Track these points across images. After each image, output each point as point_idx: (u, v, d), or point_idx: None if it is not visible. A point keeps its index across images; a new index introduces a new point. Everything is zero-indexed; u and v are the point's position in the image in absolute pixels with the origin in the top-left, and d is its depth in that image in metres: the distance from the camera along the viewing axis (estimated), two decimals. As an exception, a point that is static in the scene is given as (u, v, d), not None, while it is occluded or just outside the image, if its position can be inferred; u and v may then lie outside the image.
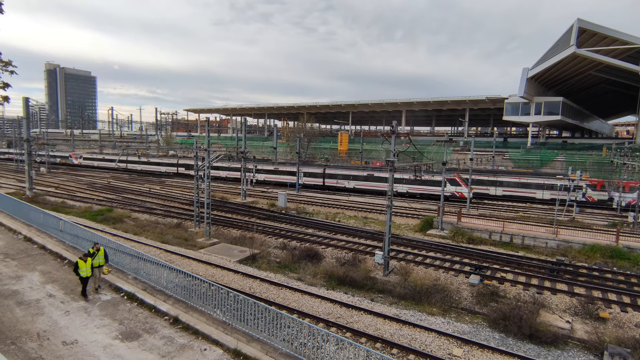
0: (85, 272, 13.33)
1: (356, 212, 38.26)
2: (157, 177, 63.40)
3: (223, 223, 31.04)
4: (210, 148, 27.27)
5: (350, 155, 79.59)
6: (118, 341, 11.08)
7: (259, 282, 18.56)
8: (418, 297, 17.69)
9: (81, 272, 13.24)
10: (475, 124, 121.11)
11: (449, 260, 23.50)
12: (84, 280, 13.44)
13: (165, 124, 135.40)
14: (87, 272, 13.40)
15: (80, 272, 13.22)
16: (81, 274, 13.25)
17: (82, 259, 13.32)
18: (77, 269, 13.19)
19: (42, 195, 39.18)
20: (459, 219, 30.61)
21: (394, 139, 21.21)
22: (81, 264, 13.20)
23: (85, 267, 13.30)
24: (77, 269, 13.20)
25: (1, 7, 13.57)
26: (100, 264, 14.14)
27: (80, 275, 13.26)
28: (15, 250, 17.97)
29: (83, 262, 13.22)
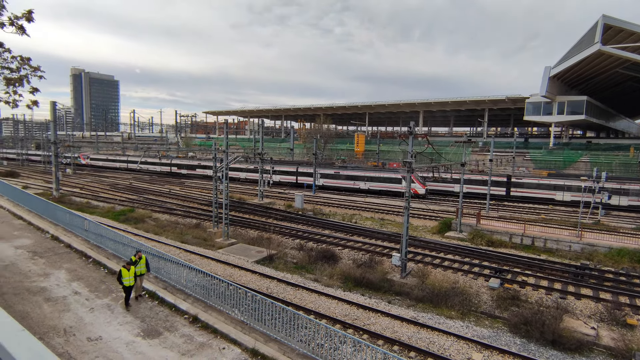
0: (128, 281, 12.87)
1: (373, 213, 38.07)
2: (177, 178, 64.70)
3: (241, 224, 31.41)
4: (228, 150, 27.67)
5: (367, 157, 79.25)
6: (140, 338, 11.36)
7: (276, 283, 18.70)
8: (436, 300, 17.47)
9: (124, 281, 12.78)
10: (494, 124, 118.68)
11: (468, 262, 23.12)
12: (126, 289, 12.96)
13: (184, 126, 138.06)
14: (130, 281, 12.93)
15: (124, 281, 12.77)
16: (124, 282, 12.80)
17: (125, 267, 12.89)
18: (120, 278, 12.75)
19: (68, 196, 40.55)
20: (478, 221, 30.06)
21: (412, 139, 21.04)
22: (124, 272, 12.77)
23: (129, 275, 12.85)
24: (120, 277, 12.76)
25: (31, 15, 14.14)
26: (142, 272, 13.80)
27: (123, 284, 12.81)
28: (44, 249, 18.65)
29: (126, 271, 12.79)
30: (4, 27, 14.81)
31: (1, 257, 17.04)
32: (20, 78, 16.05)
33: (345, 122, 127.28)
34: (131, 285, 12.96)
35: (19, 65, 16.02)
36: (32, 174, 65.16)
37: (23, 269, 15.94)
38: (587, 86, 70.54)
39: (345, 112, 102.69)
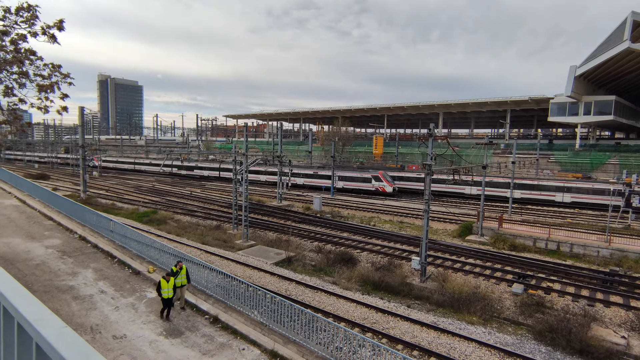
0: (167, 292, 12.35)
1: (392, 216, 37.76)
2: (197, 180, 65.96)
3: (260, 226, 31.73)
4: (247, 153, 28.05)
5: (386, 159, 78.70)
6: (162, 337, 11.64)
7: (294, 285, 18.78)
8: (457, 304, 17.16)
9: (163, 293, 12.26)
10: (517, 125, 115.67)
11: (490, 267, 22.61)
12: (165, 301, 12.44)
13: (205, 130, 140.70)
14: (168, 293, 12.43)
15: (162, 292, 12.26)
16: (162, 294, 12.27)
17: (165, 278, 12.44)
18: (160, 289, 12.27)
19: (94, 197, 41.96)
20: (500, 225, 29.37)
21: (431, 142, 20.80)
22: (163, 283, 12.31)
23: (168, 287, 12.34)
24: (159, 289, 12.29)
25: (62, 25, 14.76)
26: (183, 283, 13.28)
27: (162, 296, 12.30)
28: (72, 249, 19.36)
29: (165, 282, 12.34)
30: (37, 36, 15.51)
31: (33, 256, 17.79)
32: (52, 85, 16.75)
33: (363, 124, 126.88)
34: (169, 297, 12.44)
35: (50, 73, 16.74)
36: (61, 176, 67.75)
37: (53, 267, 16.59)
38: (615, 85, 67.96)
39: (363, 115, 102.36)
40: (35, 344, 1.32)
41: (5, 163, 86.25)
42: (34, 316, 1.36)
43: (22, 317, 1.41)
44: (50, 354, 1.17)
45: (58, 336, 1.19)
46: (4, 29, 15.02)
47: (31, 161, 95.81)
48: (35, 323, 1.30)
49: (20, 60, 15.08)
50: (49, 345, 1.18)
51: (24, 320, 1.39)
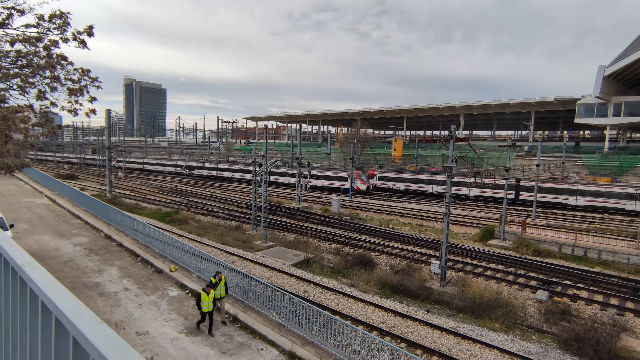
0: (207, 306, 11.82)
1: (411, 219, 37.34)
2: (217, 181, 67.04)
3: (278, 227, 31.96)
4: (267, 154, 28.34)
5: (405, 161, 77.93)
6: (183, 335, 11.89)
7: (312, 286, 18.83)
8: (478, 310, 16.79)
9: (203, 307, 11.76)
10: (541, 127, 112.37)
11: (513, 273, 22.03)
12: (205, 315, 11.96)
13: (226, 132, 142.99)
14: (209, 307, 11.90)
15: (202, 306, 11.75)
16: (202, 308, 11.78)
17: (205, 290, 11.93)
18: (200, 303, 11.78)
19: (119, 197, 43.28)
20: (524, 229, 28.59)
21: (452, 144, 20.48)
22: (204, 297, 11.77)
23: (208, 300, 11.80)
24: (199, 302, 11.80)
25: (92, 30, 15.35)
26: (222, 295, 12.77)
27: (201, 309, 11.82)
28: (98, 247, 20.04)
29: (205, 295, 11.80)
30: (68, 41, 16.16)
31: (62, 253, 18.51)
32: (81, 88, 17.42)
33: (382, 126, 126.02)
34: (210, 311, 11.94)
35: (79, 77, 17.42)
36: (88, 176, 70.21)
37: (80, 265, 17.22)
38: (647, 85, 65.14)
39: (382, 117, 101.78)
40: (72, 338, 1.39)
41: (37, 163, 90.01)
42: (71, 311, 1.43)
43: (60, 311, 1.48)
44: (87, 348, 1.24)
45: (94, 331, 1.26)
46: (37, 35, 15.75)
47: (61, 162, 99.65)
48: (72, 318, 1.38)
49: (52, 65, 15.77)
50: (86, 339, 1.24)
51: (61, 315, 1.47)
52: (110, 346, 1.15)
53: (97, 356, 1.15)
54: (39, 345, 1.80)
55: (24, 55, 15.64)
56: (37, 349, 1.84)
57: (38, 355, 1.83)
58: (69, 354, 1.44)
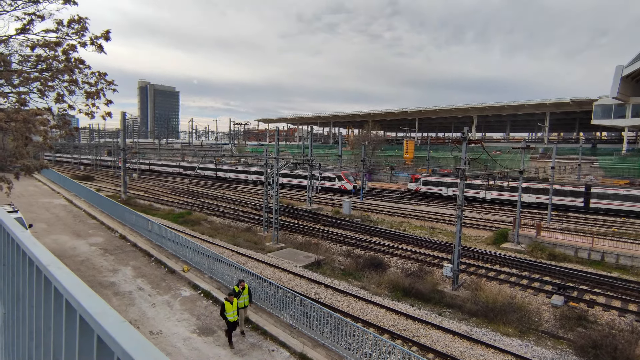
0: (232, 315, 11.38)
1: (422, 221, 37.04)
2: (229, 183, 67.58)
3: (289, 228, 32.06)
4: (278, 156, 28.49)
5: (417, 163, 77.34)
6: (196, 335, 12.02)
7: (323, 288, 18.83)
8: (491, 315, 16.56)
9: (228, 316, 11.33)
10: (557, 129, 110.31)
11: (527, 277, 21.67)
12: (231, 325, 11.49)
13: (238, 134, 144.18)
14: (234, 316, 11.43)
15: (227, 315, 11.32)
16: (228, 317, 11.34)
17: (228, 299, 11.51)
18: (224, 312, 11.37)
19: (133, 198, 43.99)
20: (539, 233, 28.10)
21: (465, 146, 20.28)
22: (228, 306, 11.34)
23: (232, 309, 11.40)
24: (223, 312, 11.40)
25: (109, 35, 15.70)
26: (245, 304, 12.38)
27: (227, 319, 11.39)
28: (113, 247, 20.41)
29: (230, 304, 11.37)
30: (86, 46, 16.56)
31: (78, 253, 18.91)
32: (97, 92, 17.81)
33: (394, 128, 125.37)
34: (235, 320, 11.59)
35: (96, 80, 17.82)
36: (104, 177, 71.55)
37: (96, 264, 17.56)
38: (668, 86, 63.40)
39: (394, 118, 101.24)
40: (96, 336, 1.44)
41: (55, 165, 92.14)
42: (95, 310, 1.48)
43: (84, 310, 1.54)
44: (111, 346, 1.28)
45: (119, 330, 1.30)
46: (57, 40, 16.18)
47: (77, 163, 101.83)
48: (97, 317, 1.42)
49: (70, 69, 16.15)
50: (111, 338, 1.28)
51: (86, 314, 1.52)
52: (135, 345, 1.19)
53: (121, 354, 1.19)
54: (63, 343, 1.86)
55: (43, 59, 16.08)
56: (61, 347, 1.90)
57: (62, 353, 1.89)
58: (93, 352, 1.49)
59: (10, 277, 3.16)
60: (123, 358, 1.18)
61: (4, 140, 16.66)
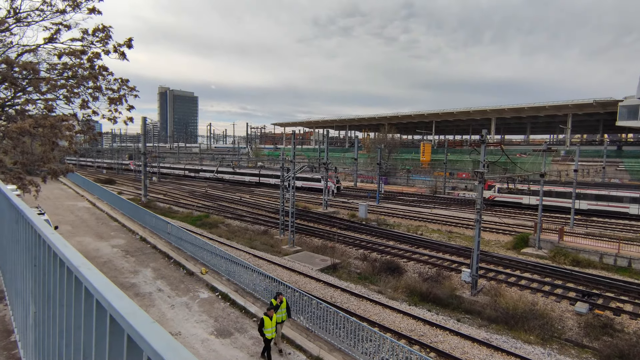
0: (270, 332, 10.58)
1: (440, 225, 36.52)
2: (246, 186, 68.31)
3: (305, 232, 32.13)
4: (294, 160, 28.65)
5: (434, 166, 76.43)
6: (213, 337, 12.17)
7: (339, 292, 18.78)
8: (511, 321, 16.18)
9: (266, 332, 10.52)
10: (579, 130, 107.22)
11: (549, 283, 21.08)
12: (268, 342, 10.66)
13: (254, 137, 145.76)
14: (272, 332, 10.64)
15: (266, 332, 10.52)
16: (266, 334, 10.53)
17: (267, 314, 10.72)
18: (262, 328, 10.58)
19: (153, 201, 44.96)
20: (561, 238, 27.31)
21: (484, 148, 19.95)
22: (267, 322, 10.55)
23: (271, 325, 10.59)
24: (261, 327, 10.60)
25: (131, 43, 16.21)
26: (283, 319, 11.63)
27: (264, 335, 10.58)
28: (134, 248, 20.89)
29: (269, 320, 10.58)
30: (109, 53, 17.11)
31: (101, 254, 19.43)
32: (120, 97, 18.36)
33: (410, 131, 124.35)
34: (274, 337, 10.84)
35: (119, 86, 18.38)
36: (125, 181, 73.41)
37: (118, 265, 18.01)
38: (699, 85, 60.80)
39: (410, 121, 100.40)
40: (127, 336, 1.50)
41: (79, 169, 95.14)
42: (125, 310, 1.54)
43: (114, 310, 1.60)
44: (142, 346, 1.33)
45: (148, 330, 1.35)
46: (82, 48, 16.81)
47: (100, 167, 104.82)
48: (127, 317, 1.48)
49: (95, 76, 16.74)
50: (141, 338, 1.33)
51: (116, 314, 1.58)
52: (165, 345, 1.24)
53: (152, 354, 1.24)
54: (93, 342, 1.94)
55: (69, 67, 16.70)
56: (91, 345, 1.97)
57: (92, 352, 1.97)
58: (123, 352, 1.55)
59: (41, 278, 3.30)
60: (153, 358, 1.23)
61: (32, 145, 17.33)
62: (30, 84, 16.26)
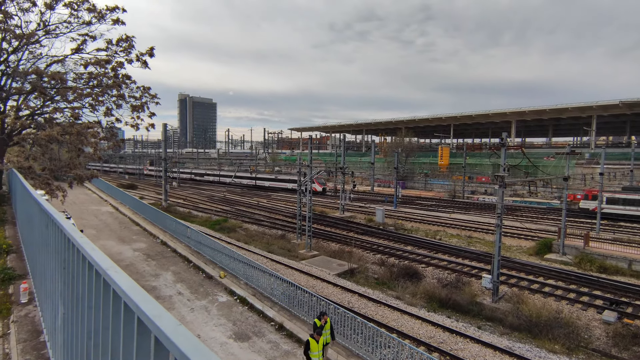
0: (318, 356, 9.88)
1: (459, 230, 35.88)
2: (264, 190, 68.90)
3: (322, 236, 32.12)
4: (311, 164, 28.76)
5: (452, 170, 75.27)
6: (232, 340, 12.28)
7: (357, 297, 18.66)
8: (535, 329, 15.72)
9: (313, 357, 9.85)
10: (604, 133, 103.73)
11: (575, 290, 20.38)
12: None
13: (271, 143, 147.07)
14: (319, 356, 9.92)
15: (312, 356, 9.84)
16: (312, 358, 9.87)
17: (314, 337, 9.91)
18: (308, 351, 9.86)
19: (173, 206, 45.86)
20: (587, 243, 26.41)
21: (504, 152, 19.56)
22: (313, 345, 9.83)
23: (318, 349, 9.86)
24: (307, 350, 9.88)
25: (153, 52, 16.74)
26: (327, 341, 10.80)
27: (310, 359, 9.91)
28: (155, 252, 21.34)
29: (315, 343, 9.85)
30: (132, 62, 17.70)
31: (123, 258, 19.93)
32: (142, 105, 18.94)
33: (428, 134, 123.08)
34: None
35: (141, 94, 18.96)
36: (146, 186, 75.18)
37: (139, 269, 18.42)
38: None
39: (428, 125, 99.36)
40: (153, 337, 1.55)
41: (103, 174, 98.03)
42: (152, 312, 1.60)
43: (142, 312, 1.66)
44: (169, 347, 1.38)
45: (175, 332, 1.41)
46: (107, 58, 17.47)
47: (122, 172, 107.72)
48: (154, 319, 1.54)
49: (118, 84, 17.37)
50: (168, 339, 1.39)
51: (144, 316, 1.64)
52: (192, 347, 1.28)
53: (179, 355, 1.29)
54: (121, 343, 2.01)
55: (95, 76, 17.38)
56: (119, 346, 2.05)
57: (119, 353, 2.04)
58: (150, 353, 1.61)
59: (70, 280, 3.43)
60: (180, 359, 1.28)
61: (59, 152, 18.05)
62: (58, 93, 16.99)
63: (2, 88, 16.66)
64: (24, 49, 16.78)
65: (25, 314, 6.96)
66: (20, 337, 6.07)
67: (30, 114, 17.56)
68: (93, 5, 16.34)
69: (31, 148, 16.65)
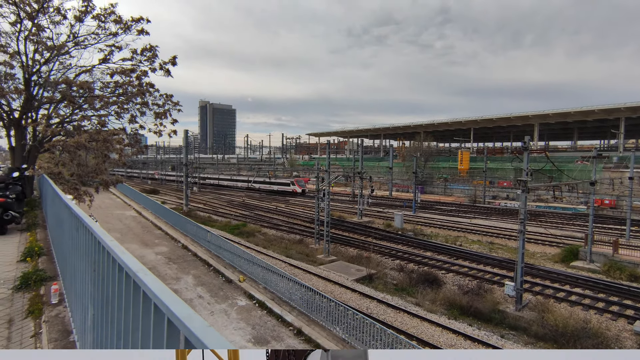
0: None
1: (480, 236, 35.14)
2: (282, 195, 69.37)
3: (340, 241, 32.04)
4: (329, 169, 28.80)
5: (472, 175, 73.87)
6: (251, 344, 12.38)
7: (375, 303, 18.50)
8: (561, 340, 15.19)
9: None
10: (634, 135, 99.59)
11: (603, 299, 19.62)
12: None
13: (289, 148, 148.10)
14: None
15: None
16: None
17: None
18: None
19: (194, 211, 46.70)
20: (616, 250, 25.40)
21: (527, 156, 19.10)
22: None
23: None
24: None
25: (175, 60, 17.24)
26: None
27: None
28: (176, 256, 21.79)
29: None
30: (156, 71, 18.23)
31: (146, 261, 20.41)
32: (165, 112, 19.46)
33: (447, 139, 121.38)
34: None
35: (164, 102, 19.49)
36: (168, 191, 76.89)
37: (161, 272, 18.84)
38: None
39: (447, 129, 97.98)
40: (184, 337, 1.62)
41: (127, 180, 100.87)
42: (182, 313, 1.67)
43: (172, 313, 1.74)
44: (198, 347, 1.45)
45: (205, 333, 1.47)
46: (132, 67, 18.10)
47: (145, 178, 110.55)
48: (184, 320, 1.61)
49: (142, 92, 17.94)
50: (198, 340, 1.45)
51: (174, 317, 1.71)
52: (222, 347, 1.34)
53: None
54: (151, 344, 2.09)
55: (120, 85, 18.02)
56: (149, 347, 2.13)
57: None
58: (180, 352, 1.68)
59: (100, 282, 3.57)
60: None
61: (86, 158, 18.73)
62: (86, 102, 17.70)
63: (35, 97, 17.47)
64: (54, 60, 17.58)
65: (56, 314, 7.23)
66: (51, 336, 6.32)
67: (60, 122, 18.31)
68: (119, 17, 17.01)
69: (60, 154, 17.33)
